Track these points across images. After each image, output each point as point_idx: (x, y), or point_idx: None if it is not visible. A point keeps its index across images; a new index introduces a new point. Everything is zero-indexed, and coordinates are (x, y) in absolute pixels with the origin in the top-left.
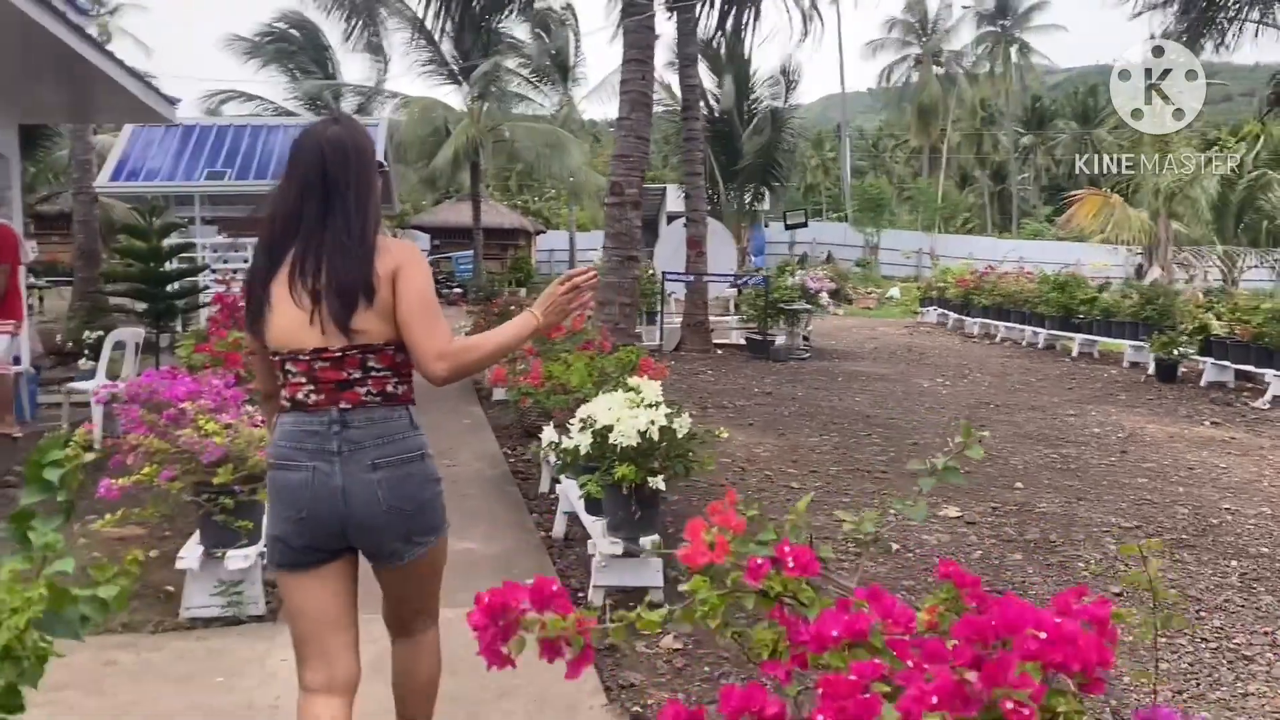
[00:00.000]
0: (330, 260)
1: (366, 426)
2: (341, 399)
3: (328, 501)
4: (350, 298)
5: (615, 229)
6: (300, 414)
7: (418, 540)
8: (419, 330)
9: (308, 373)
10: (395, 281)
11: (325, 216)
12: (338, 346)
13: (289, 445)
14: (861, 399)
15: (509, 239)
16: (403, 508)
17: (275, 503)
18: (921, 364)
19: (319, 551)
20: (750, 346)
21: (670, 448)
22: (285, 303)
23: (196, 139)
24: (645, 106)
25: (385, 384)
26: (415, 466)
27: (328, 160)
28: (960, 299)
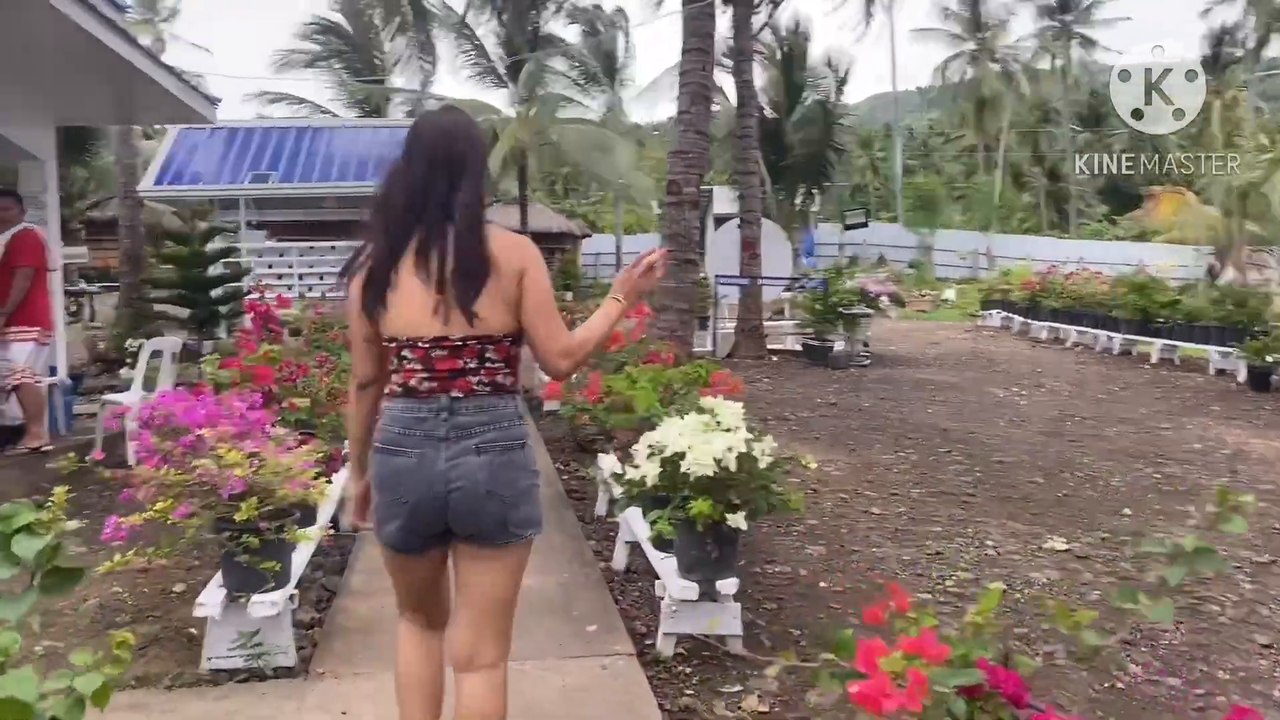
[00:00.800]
0: (458, 245)
1: (474, 414)
2: (454, 387)
3: (431, 486)
4: (476, 281)
5: (672, 230)
6: (411, 400)
7: (514, 530)
8: (545, 328)
9: (424, 360)
10: (522, 278)
11: (450, 202)
12: (458, 335)
13: (398, 430)
14: (934, 410)
15: (556, 243)
16: (501, 494)
17: (380, 486)
18: (992, 371)
19: (419, 537)
20: (807, 353)
21: (751, 478)
22: (411, 290)
23: (241, 141)
24: (705, 100)
25: (496, 374)
26: (517, 455)
27: (453, 145)
28: (1026, 302)
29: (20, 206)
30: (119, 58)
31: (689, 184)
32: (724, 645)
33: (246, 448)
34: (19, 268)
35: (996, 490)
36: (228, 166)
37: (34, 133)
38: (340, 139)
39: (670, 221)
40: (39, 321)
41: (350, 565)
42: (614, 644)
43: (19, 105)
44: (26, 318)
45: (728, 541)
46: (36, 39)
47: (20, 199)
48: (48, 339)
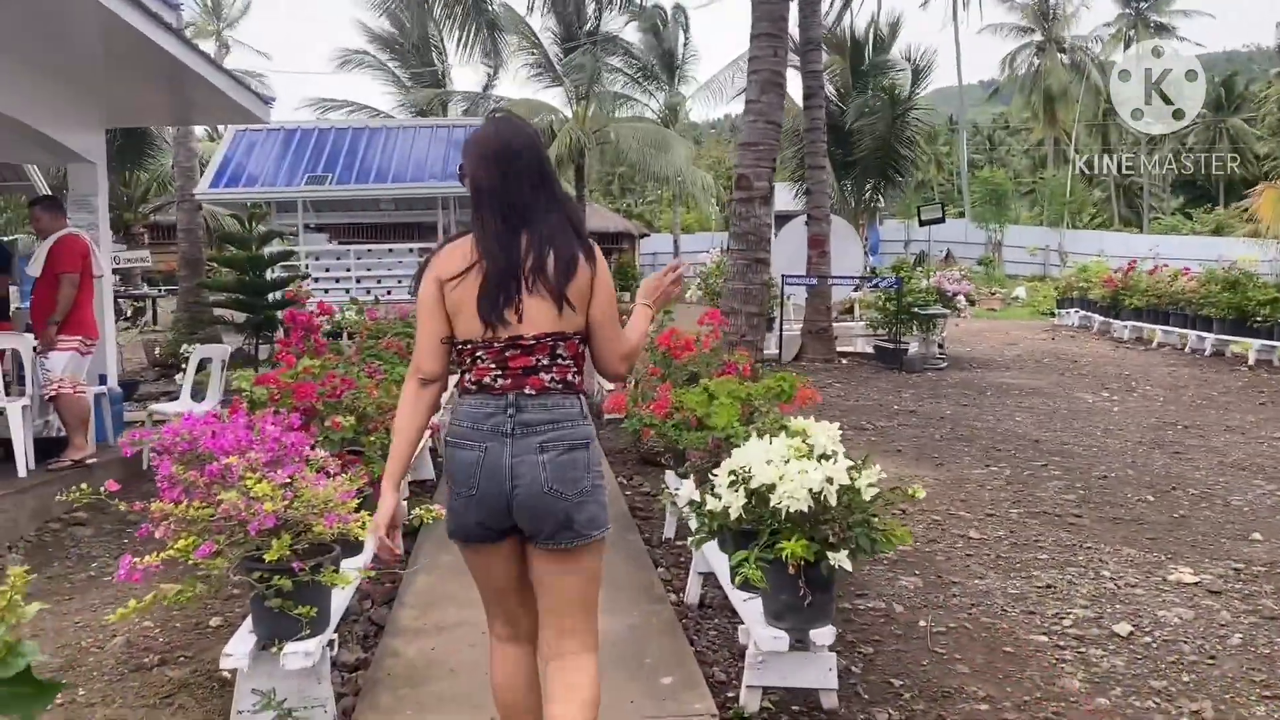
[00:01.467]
0: (555, 244)
1: (540, 411)
2: (526, 384)
3: (496, 480)
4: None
5: (742, 227)
6: (483, 396)
7: (580, 530)
8: (610, 331)
9: (498, 358)
10: (593, 280)
11: (532, 209)
12: (533, 334)
13: (466, 425)
14: (1021, 419)
15: (613, 243)
16: (564, 491)
17: (450, 479)
18: (1076, 375)
19: (489, 529)
20: (879, 355)
21: (851, 510)
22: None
23: (298, 142)
24: (777, 87)
25: (567, 372)
26: (580, 453)
27: (540, 152)
28: (1106, 300)
29: (53, 214)
30: (169, 56)
31: (760, 178)
32: (817, 699)
33: (279, 478)
34: (63, 274)
35: (1104, 510)
36: (284, 168)
37: (83, 135)
38: (397, 140)
39: (739, 218)
40: (81, 329)
41: (400, 598)
42: (693, 700)
43: (67, 107)
44: (68, 325)
45: (823, 586)
46: (84, 38)
47: (56, 206)
48: (90, 347)
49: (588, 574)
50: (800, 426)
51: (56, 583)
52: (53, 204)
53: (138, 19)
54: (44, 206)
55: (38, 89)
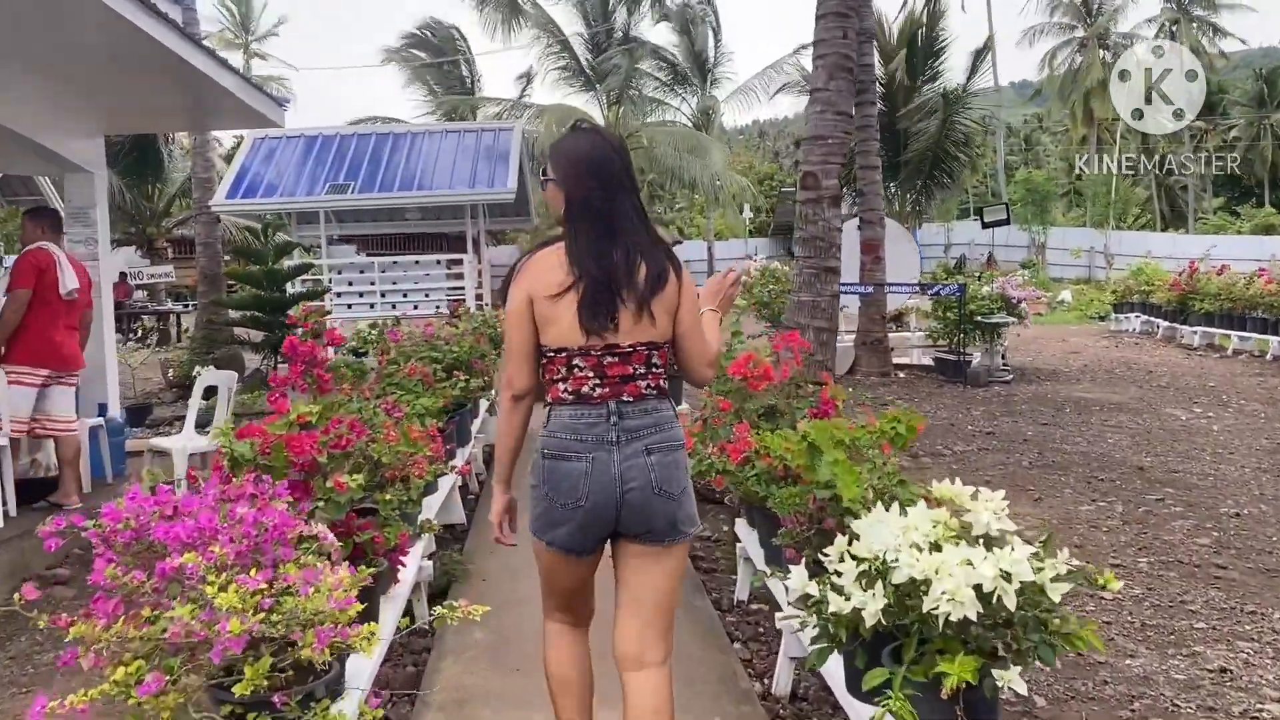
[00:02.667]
0: (646, 256)
1: (641, 416)
2: (625, 391)
3: (606, 488)
4: (661, 285)
5: (809, 231)
6: (582, 406)
7: (682, 528)
8: (698, 339)
9: (596, 367)
10: (680, 290)
11: (625, 214)
12: (628, 343)
13: (567, 436)
14: (1115, 440)
15: None
16: (671, 491)
17: (551, 490)
18: (1156, 387)
19: (590, 538)
20: (940, 368)
21: (1028, 607)
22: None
23: (319, 150)
24: (846, 73)
25: (660, 378)
26: (679, 454)
27: (629, 163)
28: (1172, 304)
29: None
30: (170, 53)
31: (828, 175)
32: None
33: (252, 582)
34: (9, 291)
35: (1252, 559)
36: (304, 177)
37: (78, 142)
38: (423, 145)
39: (805, 221)
40: (41, 357)
41: (424, 698)
42: None
43: (62, 113)
44: (19, 351)
45: (988, 711)
46: (76, 34)
47: (41, 217)
48: (59, 378)
49: (679, 571)
50: (947, 493)
51: (17, 665)
52: (38, 215)
53: (132, 10)
54: (30, 216)
55: (26, 92)
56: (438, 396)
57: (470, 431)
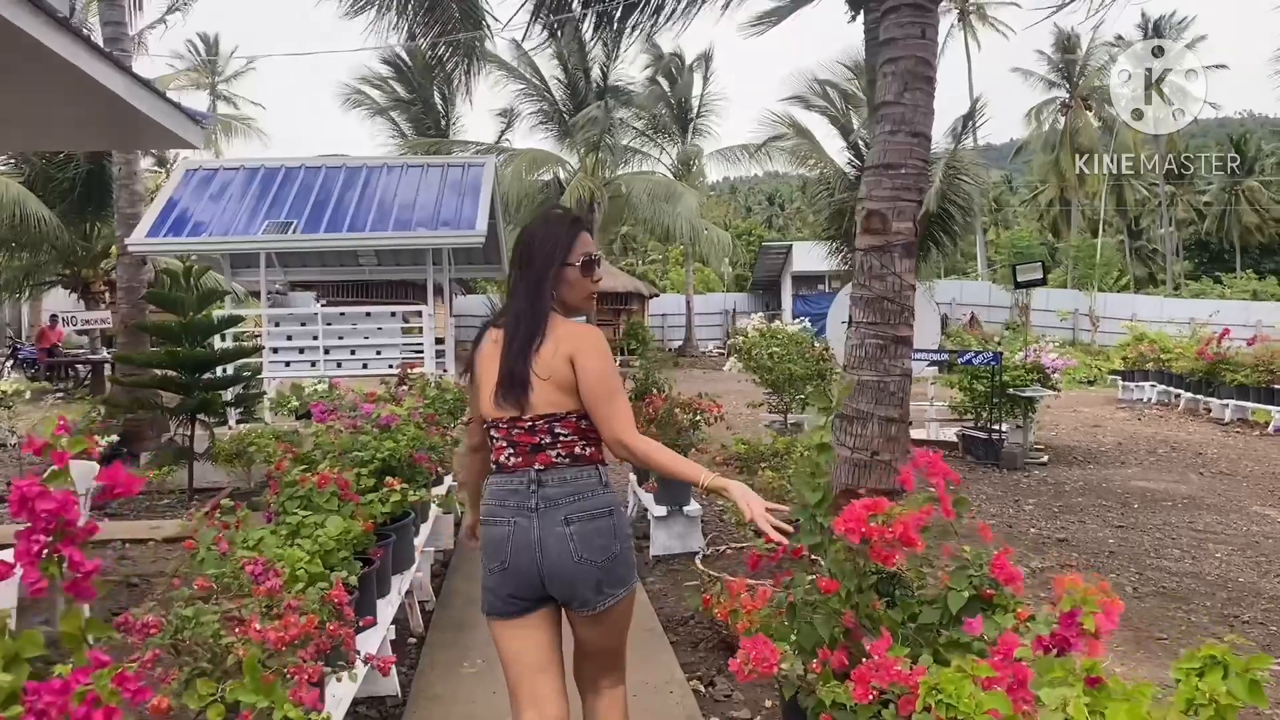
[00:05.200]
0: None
1: (560, 485)
2: (536, 460)
3: (526, 553)
4: (522, 376)
5: (875, 289)
6: (504, 475)
7: (608, 591)
8: (599, 413)
9: (507, 438)
10: (574, 362)
11: (515, 298)
12: (529, 415)
13: (495, 502)
14: (1222, 555)
15: (622, 303)
16: (593, 559)
17: (485, 554)
18: (1218, 474)
19: (522, 600)
20: (969, 447)
21: None
22: (490, 374)
23: (260, 183)
24: (925, 82)
25: (573, 447)
26: (604, 522)
27: (523, 249)
28: (1198, 374)
29: None
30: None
31: (901, 216)
32: None
33: None
34: None
35: None
36: (242, 213)
37: None
38: (381, 181)
39: (868, 275)
40: None
41: None
42: None
43: None
44: None
45: None
46: None
47: None
48: None
49: (619, 626)
50: None
51: None
52: None
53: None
54: None
55: None
56: (359, 516)
57: (414, 548)
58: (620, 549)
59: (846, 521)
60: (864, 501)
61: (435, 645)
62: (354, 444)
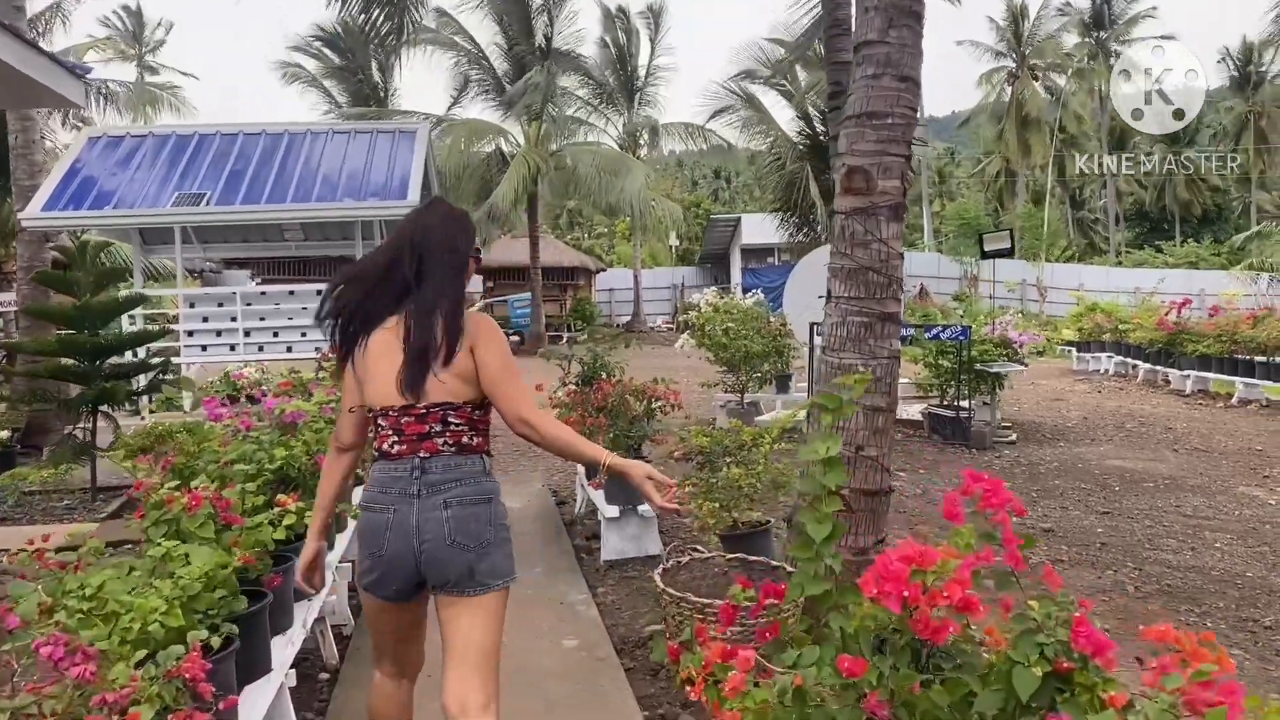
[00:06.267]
0: (416, 329)
1: (444, 471)
2: (421, 449)
3: (406, 539)
4: (424, 362)
5: (856, 260)
6: (387, 462)
7: (482, 580)
8: (501, 395)
9: (395, 426)
10: (474, 352)
11: (419, 289)
12: (424, 404)
13: (377, 490)
14: (1222, 545)
15: (568, 278)
16: (466, 544)
17: (362, 541)
18: (1193, 450)
19: (396, 587)
20: (936, 426)
21: None
22: (382, 365)
23: (171, 151)
24: (914, 17)
25: (461, 436)
26: (482, 509)
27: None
28: (1157, 345)
29: None
30: None
31: (889, 174)
32: None
33: None
34: None
35: None
36: (151, 184)
37: None
38: (303, 148)
39: (848, 243)
40: None
41: None
42: None
43: None
44: None
45: None
46: None
47: None
48: None
49: (491, 622)
50: None
51: None
52: None
53: None
54: None
55: None
56: (241, 545)
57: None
58: (496, 536)
59: (882, 581)
60: (903, 550)
61: (351, 682)
62: (240, 452)
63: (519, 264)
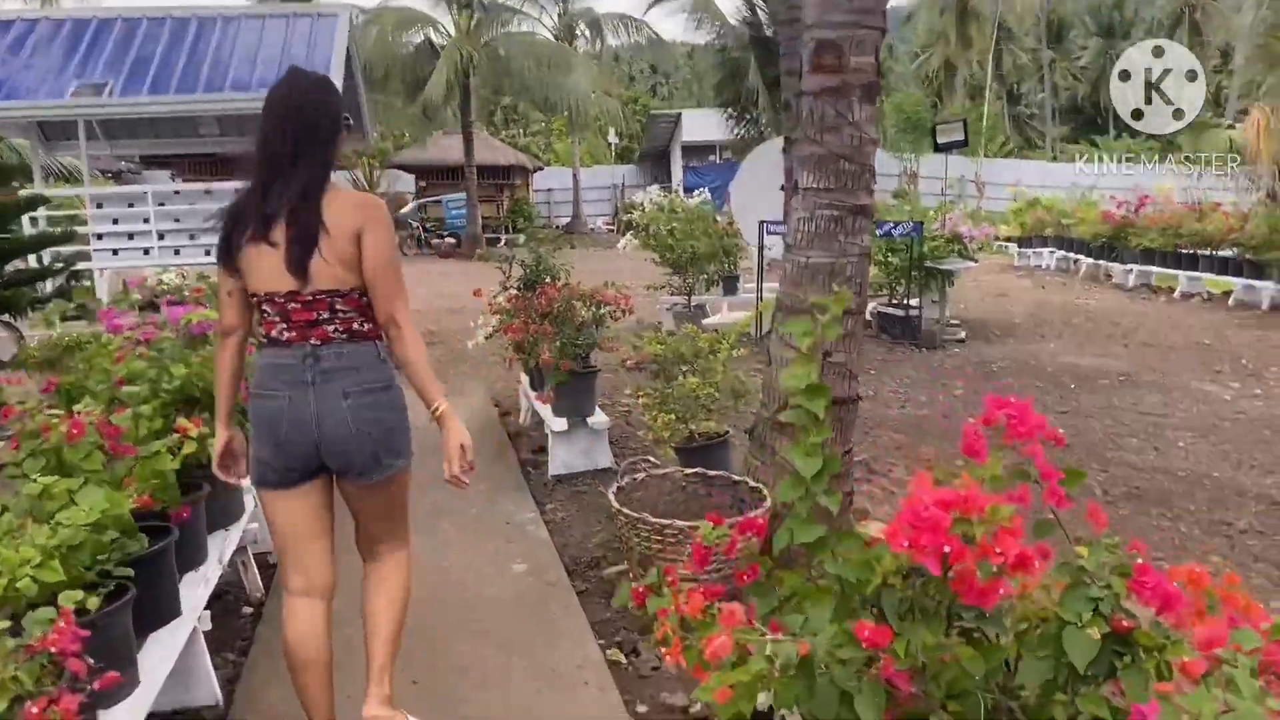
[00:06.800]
0: (295, 211)
1: (338, 359)
2: (312, 336)
3: (302, 426)
4: (308, 246)
5: (827, 146)
6: (276, 349)
7: (385, 462)
8: (379, 291)
9: (281, 312)
10: (361, 239)
11: (295, 169)
12: (309, 290)
13: (267, 376)
14: (1185, 444)
15: (504, 177)
16: (369, 431)
17: (257, 428)
18: (1141, 345)
19: (296, 472)
20: (885, 325)
21: None
22: (265, 249)
23: (67, 37)
24: None
25: (352, 323)
26: (381, 395)
27: (300, 113)
28: (1101, 239)
29: None
30: None
31: (861, 48)
32: None
33: None
34: None
35: None
36: (47, 74)
37: None
38: (215, 35)
39: (817, 127)
40: None
41: None
42: None
43: None
44: None
45: None
46: None
47: None
48: None
49: (396, 498)
50: None
51: None
52: None
53: None
54: None
55: None
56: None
57: (242, 493)
58: (397, 421)
59: (914, 532)
60: (937, 492)
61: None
62: (131, 369)
63: (453, 163)
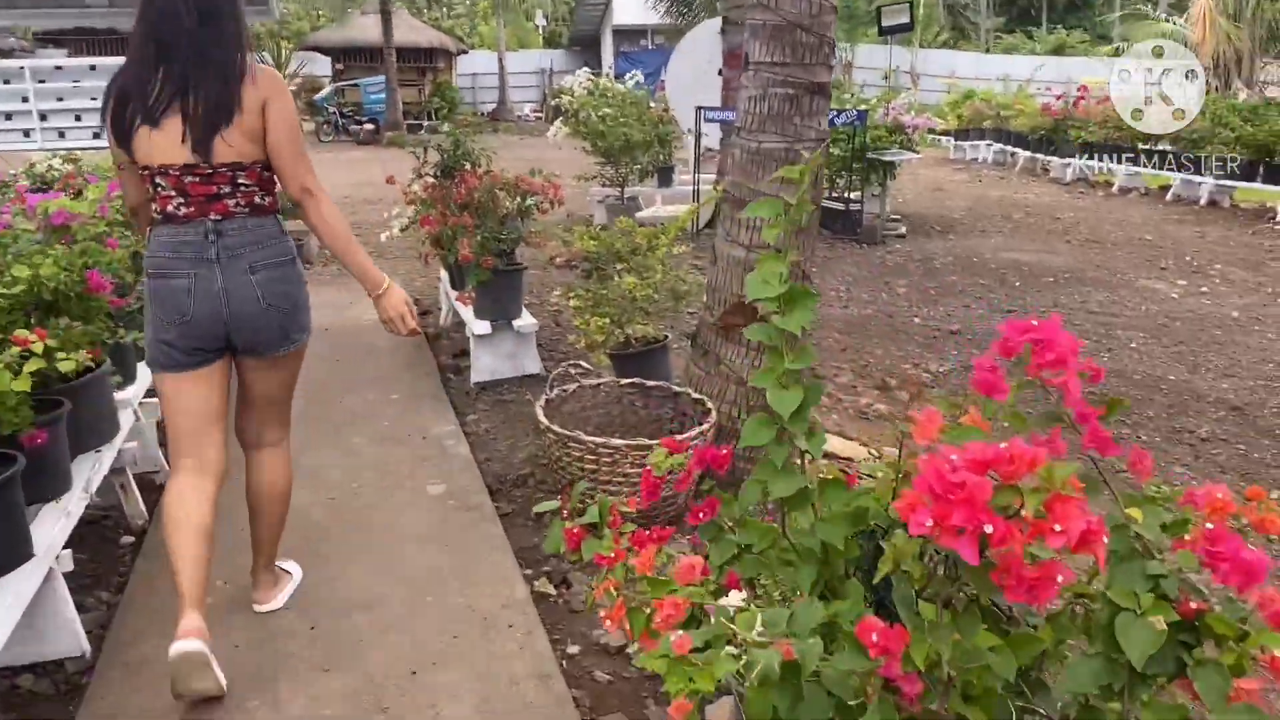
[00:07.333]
0: (204, 82)
1: (241, 234)
2: (212, 211)
3: (210, 303)
4: (216, 119)
5: (781, 13)
6: (174, 226)
7: (293, 337)
8: (286, 162)
9: (177, 186)
10: (265, 111)
11: (199, 38)
12: (210, 164)
13: (167, 254)
14: (1137, 345)
15: (427, 60)
16: (279, 305)
17: (157, 309)
18: (1085, 241)
19: (203, 352)
20: (824, 220)
21: None
22: (162, 122)
23: None
24: None
25: (253, 197)
26: (288, 269)
27: None
28: (1040, 133)
29: None
30: None
31: None
32: None
33: None
34: None
35: None
36: None
37: None
38: None
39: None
40: None
41: None
42: None
43: None
44: None
45: None
46: None
47: None
48: None
49: (291, 375)
50: None
51: None
52: None
53: None
54: None
55: None
56: None
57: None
58: (301, 295)
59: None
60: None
61: (158, 552)
62: None
63: (371, 43)
